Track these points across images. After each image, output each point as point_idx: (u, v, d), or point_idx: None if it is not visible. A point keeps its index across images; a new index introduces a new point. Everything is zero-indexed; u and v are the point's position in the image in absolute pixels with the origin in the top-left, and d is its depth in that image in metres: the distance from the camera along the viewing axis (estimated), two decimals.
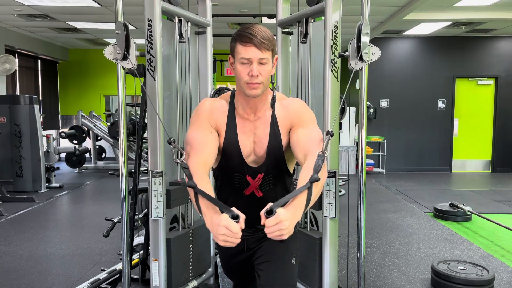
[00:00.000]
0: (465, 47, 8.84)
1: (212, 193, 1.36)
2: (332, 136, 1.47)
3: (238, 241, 1.22)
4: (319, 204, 2.41)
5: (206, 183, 1.39)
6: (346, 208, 2.84)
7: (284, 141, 1.59)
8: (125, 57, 2.20)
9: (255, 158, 1.61)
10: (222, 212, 1.27)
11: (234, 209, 1.26)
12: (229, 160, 1.61)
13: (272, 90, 1.64)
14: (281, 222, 1.21)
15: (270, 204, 1.25)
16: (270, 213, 1.22)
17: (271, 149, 1.58)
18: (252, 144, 1.60)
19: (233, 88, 1.70)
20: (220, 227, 1.21)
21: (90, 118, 9.01)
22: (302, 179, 1.36)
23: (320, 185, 1.39)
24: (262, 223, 1.24)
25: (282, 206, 1.26)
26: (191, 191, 1.37)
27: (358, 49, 2.18)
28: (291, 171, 1.68)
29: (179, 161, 1.45)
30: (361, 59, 2.20)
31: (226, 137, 1.59)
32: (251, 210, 1.64)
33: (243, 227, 1.24)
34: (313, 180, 1.31)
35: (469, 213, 5.12)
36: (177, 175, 2.76)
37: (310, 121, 1.59)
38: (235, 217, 1.23)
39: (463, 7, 6.59)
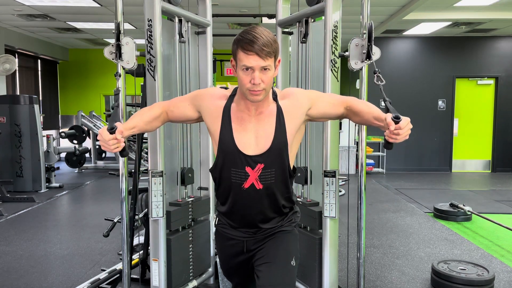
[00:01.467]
0: (465, 47, 8.84)
1: (135, 125, 1.58)
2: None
3: (110, 148, 1.46)
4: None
5: (137, 115, 1.62)
6: (346, 208, 2.84)
7: (290, 132, 1.59)
8: (119, 56, 2.20)
9: (256, 150, 1.59)
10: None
11: (118, 123, 1.47)
12: (226, 155, 1.60)
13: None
14: (409, 122, 1.39)
15: (390, 114, 1.40)
16: (397, 118, 1.39)
17: (276, 141, 1.57)
18: (253, 139, 1.58)
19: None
20: (98, 135, 1.47)
21: (90, 118, 9.01)
22: (370, 107, 1.57)
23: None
24: (392, 128, 1.39)
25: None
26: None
27: (368, 48, 2.18)
28: (292, 166, 1.66)
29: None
30: (369, 58, 2.20)
31: (221, 132, 1.59)
32: (252, 206, 1.64)
33: (119, 138, 1.46)
34: (396, 117, 1.39)
35: (469, 213, 5.12)
36: (177, 195, 2.76)
37: (321, 93, 1.75)
38: (111, 128, 1.45)
39: (463, 7, 6.59)
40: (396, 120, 1.38)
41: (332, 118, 1.71)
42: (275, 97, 1.61)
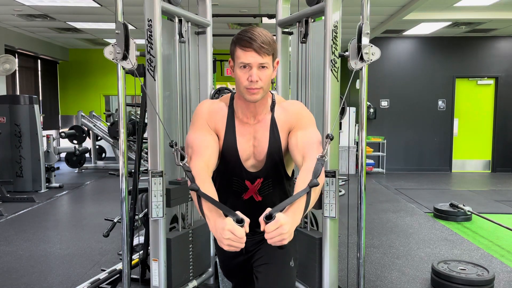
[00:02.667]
0: (465, 47, 8.84)
1: (215, 196, 1.35)
2: (331, 139, 1.46)
3: (243, 245, 1.22)
4: (319, 203, 2.41)
5: (209, 185, 1.38)
6: (346, 208, 2.84)
7: (283, 144, 1.58)
8: (124, 57, 2.19)
9: (254, 163, 1.59)
10: (226, 216, 1.26)
11: (238, 212, 1.25)
12: (227, 163, 1.60)
13: (271, 93, 1.62)
14: (281, 226, 1.20)
15: (268, 209, 1.24)
16: (269, 218, 1.21)
17: (271, 153, 1.57)
18: (252, 148, 1.58)
19: (233, 89, 1.69)
20: (224, 231, 1.20)
21: (90, 118, 9.01)
22: (301, 182, 1.35)
23: (318, 189, 1.38)
24: (262, 229, 1.22)
25: (281, 211, 1.26)
26: (194, 194, 1.36)
27: (359, 49, 2.17)
28: (290, 174, 1.67)
29: (181, 164, 1.44)
30: (361, 59, 2.19)
31: (225, 141, 1.58)
32: (250, 214, 1.63)
33: (247, 231, 1.23)
34: (313, 185, 1.30)
35: (469, 213, 5.12)
36: (177, 174, 2.76)
37: (309, 123, 1.57)
38: (240, 221, 1.22)
39: (463, 7, 6.59)
40: (266, 221, 1.22)
41: (291, 154, 1.56)
42: (272, 106, 1.59)
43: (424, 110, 8.93)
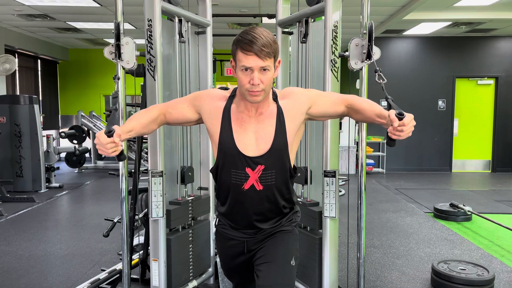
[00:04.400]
0: (465, 47, 8.84)
1: (132, 128, 1.55)
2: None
3: (108, 151, 1.42)
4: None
5: (134, 118, 1.59)
6: (346, 208, 2.84)
7: (290, 132, 1.58)
8: (119, 56, 2.20)
9: (255, 150, 1.58)
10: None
11: (115, 126, 1.43)
12: (226, 156, 1.59)
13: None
14: (412, 119, 1.39)
15: (393, 111, 1.39)
16: (401, 114, 1.38)
17: (276, 142, 1.57)
18: (254, 140, 1.58)
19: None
20: (96, 139, 1.44)
21: (90, 118, 9.01)
22: (371, 104, 1.56)
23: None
24: (395, 125, 1.37)
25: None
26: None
27: (369, 49, 2.18)
28: (292, 165, 1.66)
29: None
30: (369, 57, 2.20)
31: (221, 133, 1.58)
32: (252, 207, 1.63)
33: (116, 141, 1.41)
34: (400, 113, 1.38)
35: (469, 213, 5.12)
36: (178, 194, 2.76)
37: (319, 92, 1.73)
38: (109, 132, 1.41)
39: (463, 7, 6.59)
40: (400, 116, 1.37)
41: (332, 116, 1.70)
42: (275, 98, 1.60)
43: (424, 110, 8.93)
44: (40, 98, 9.56)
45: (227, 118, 1.59)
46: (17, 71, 8.38)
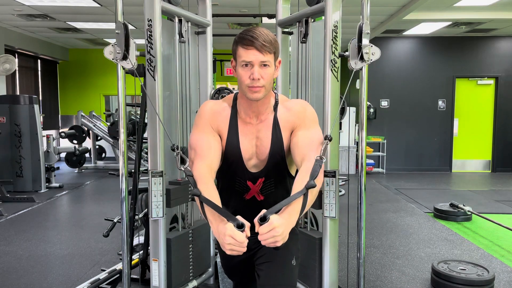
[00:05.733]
0: (465, 47, 8.84)
1: (217, 199, 1.36)
2: (330, 140, 1.47)
3: (244, 249, 1.23)
4: (319, 203, 2.41)
5: (211, 190, 1.38)
6: (346, 208, 2.84)
7: (286, 144, 1.58)
8: (125, 57, 2.19)
9: (256, 162, 1.60)
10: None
11: (239, 217, 1.27)
12: (230, 164, 1.60)
13: (275, 93, 1.62)
14: (275, 228, 1.21)
15: (264, 211, 1.25)
16: (263, 219, 1.22)
17: (273, 153, 1.57)
18: (254, 148, 1.59)
19: (234, 88, 1.69)
20: (226, 237, 1.23)
21: (90, 118, 9.01)
22: (298, 183, 1.35)
23: (316, 190, 1.38)
24: (256, 230, 1.23)
25: (277, 212, 1.26)
26: (196, 199, 1.36)
27: (359, 49, 2.17)
28: (293, 173, 1.67)
29: (182, 168, 1.44)
30: (361, 59, 2.19)
31: (227, 141, 1.58)
32: (252, 214, 1.63)
33: (248, 235, 1.24)
34: (309, 186, 1.30)
35: (469, 213, 5.12)
36: (177, 175, 2.76)
37: (311, 123, 1.57)
38: (240, 226, 1.23)
39: (463, 7, 6.59)
40: (260, 222, 1.23)
41: (292, 158, 1.57)
42: (275, 106, 1.59)
43: (424, 110, 8.93)
44: (40, 98, 9.56)
45: (233, 128, 1.58)
46: (17, 71, 8.38)
